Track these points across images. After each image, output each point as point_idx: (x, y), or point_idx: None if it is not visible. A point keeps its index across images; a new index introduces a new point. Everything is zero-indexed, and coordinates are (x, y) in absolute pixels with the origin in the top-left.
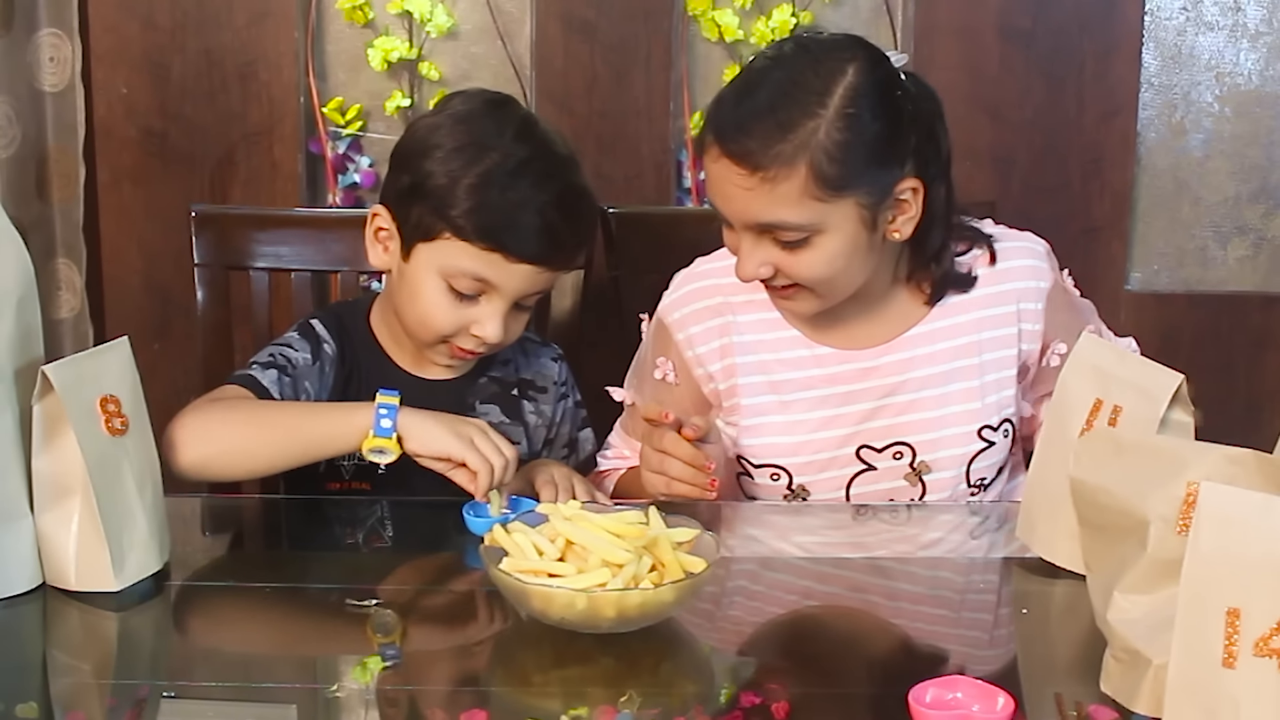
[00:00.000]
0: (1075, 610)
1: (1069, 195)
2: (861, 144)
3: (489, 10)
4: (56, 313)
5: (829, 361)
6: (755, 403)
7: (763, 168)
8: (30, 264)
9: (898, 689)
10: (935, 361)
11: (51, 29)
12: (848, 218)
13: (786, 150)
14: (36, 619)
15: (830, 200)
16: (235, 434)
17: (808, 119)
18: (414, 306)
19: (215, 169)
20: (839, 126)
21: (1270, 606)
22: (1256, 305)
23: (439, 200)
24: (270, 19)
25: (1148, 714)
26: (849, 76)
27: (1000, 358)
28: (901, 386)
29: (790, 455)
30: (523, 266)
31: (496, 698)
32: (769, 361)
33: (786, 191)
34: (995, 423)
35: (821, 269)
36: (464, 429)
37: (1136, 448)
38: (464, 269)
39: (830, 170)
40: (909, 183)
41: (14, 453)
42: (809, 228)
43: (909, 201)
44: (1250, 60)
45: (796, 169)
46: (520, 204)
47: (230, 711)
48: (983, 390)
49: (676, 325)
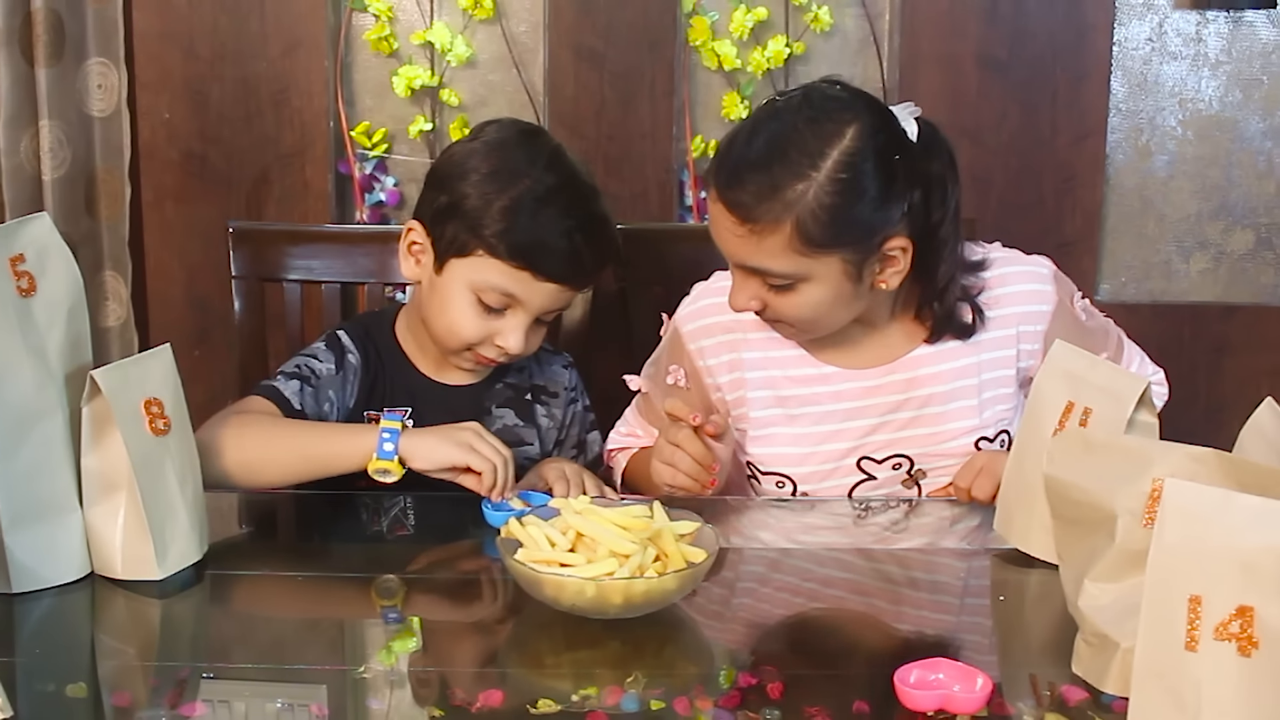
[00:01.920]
0: (1048, 597)
1: (1043, 212)
2: (849, 208)
3: (505, 41)
4: (104, 321)
5: (834, 380)
6: (763, 415)
7: (752, 220)
8: (80, 276)
9: (884, 670)
10: (937, 381)
11: (99, 58)
12: (832, 270)
13: (775, 208)
14: (85, 606)
15: (814, 256)
16: (249, 451)
17: (797, 181)
18: (443, 316)
19: (251, 188)
20: (828, 191)
21: (1229, 594)
22: (1217, 315)
23: (473, 220)
24: (302, 49)
25: (1116, 693)
26: (845, 141)
27: (999, 376)
28: (904, 404)
29: (796, 465)
30: (548, 285)
31: (512, 678)
32: (777, 378)
33: (772, 245)
34: (992, 435)
35: (805, 312)
36: (461, 436)
37: (1105, 447)
38: (494, 284)
39: (814, 230)
40: (899, 241)
41: (64, 451)
42: (793, 276)
43: (897, 258)
44: (1211, 88)
45: (782, 226)
46: (549, 228)
47: (265, 691)
48: (981, 407)
49: (690, 336)
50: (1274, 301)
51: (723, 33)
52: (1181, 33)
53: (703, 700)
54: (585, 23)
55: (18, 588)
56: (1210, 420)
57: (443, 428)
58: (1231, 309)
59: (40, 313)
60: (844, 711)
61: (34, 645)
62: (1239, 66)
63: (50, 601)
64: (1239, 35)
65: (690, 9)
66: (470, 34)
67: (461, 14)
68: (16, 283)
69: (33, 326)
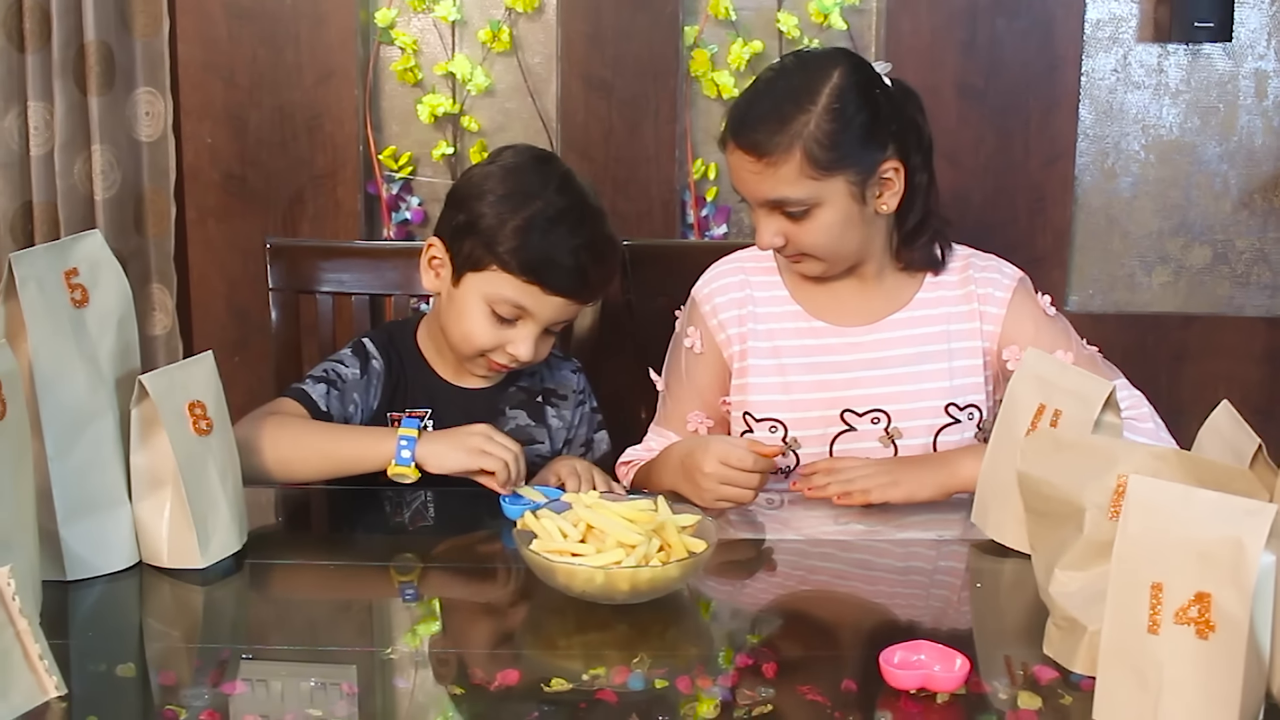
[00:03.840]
0: (1022, 584)
1: (1016, 230)
2: (846, 131)
3: (521, 72)
4: (151, 330)
5: (823, 334)
6: (760, 364)
7: (766, 154)
8: (129, 289)
9: (870, 651)
10: (910, 344)
11: (147, 87)
12: (840, 193)
13: (784, 140)
14: (134, 592)
15: (823, 178)
16: (283, 450)
17: (800, 114)
18: (459, 325)
19: (287, 207)
20: (826, 119)
21: (1188, 581)
22: (1176, 324)
23: (489, 238)
24: (334, 79)
25: (1084, 673)
26: (834, 79)
27: (966, 347)
28: (881, 362)
29: (786, 411)
30: (556, 299)
31: (527, 659)
32: (774, 330)
33: (786, 173)
34: (961, 404)
35: (822, 236)
36: (472, 441)
37: (1074, 446)
38: (506, 297)
39: (820, 154)
40: (891, 163)
41: (115, 450)
42: (808, 201)
43: (892, 179)
44: (1171, 115)
45: (792, 154)
46: (558, 246)
47: (299, 671)
48: (951, 373)
49: (704, 299)
50: (1230, 312)
51: (721, 64)
52: (1144, 64)
53: (703, 679)
54: (595, 55)
55: (71, 575)
56: (1170, 422)
57: (455, 432)
58: (1190, 319)
59: (93, 322)
60: (833, 690)
61: (86, 628)
62: (1197, 95)
63: (101, 588)
64: (1197, 66)
65: (691, 42)
66: (489, 65)
67: (481, 47)
68: (71, 294)
69: (86, 335)
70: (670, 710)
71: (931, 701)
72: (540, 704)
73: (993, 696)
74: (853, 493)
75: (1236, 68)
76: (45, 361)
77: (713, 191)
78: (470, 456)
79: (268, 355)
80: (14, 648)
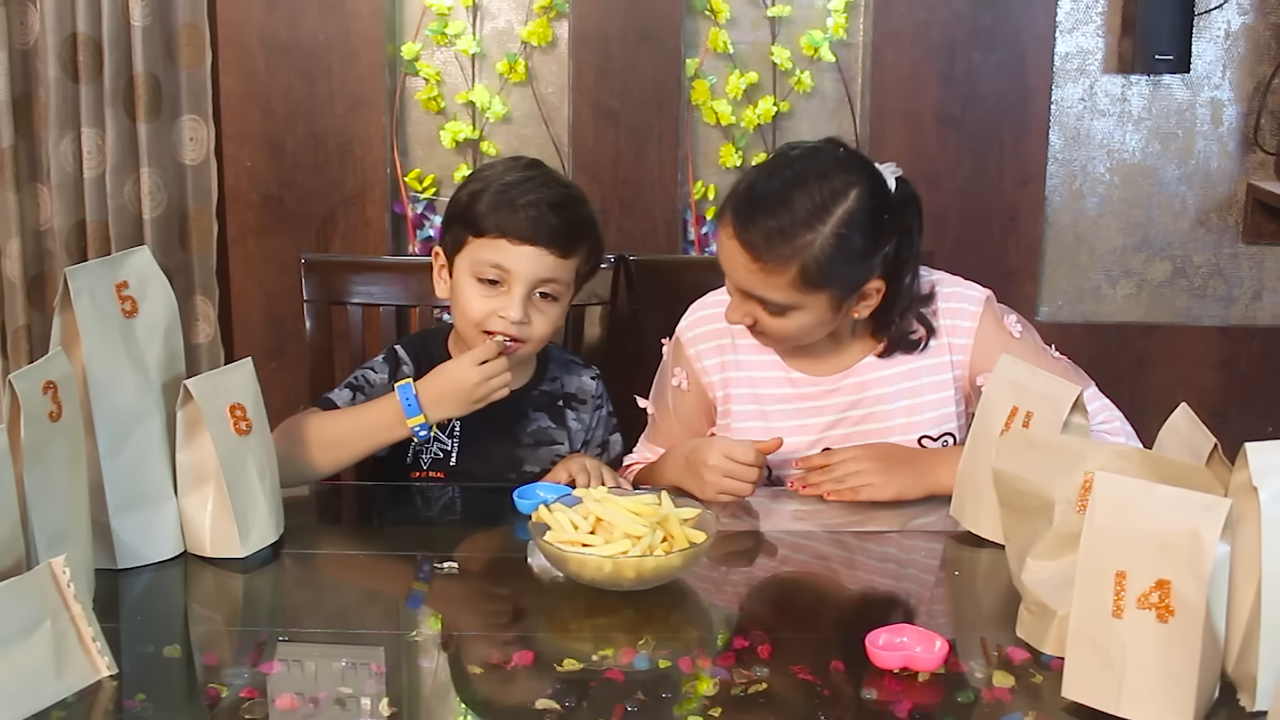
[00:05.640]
0: (996, 572)
1: (991, 246)
2: (844, 260)
3: (535, 101)
4: (195, 339)
5: (801, 384)
6: (743, 409)
7: (762, 260)
8: (175, 301)
9: (857, 634)
10: (883, 384)
11: (191, 115)
12: (820, 303)
13: (785, 253)
14: (179, 579)
15: (809, 293)
16: (308, 449)
17: (807, 233)
18: (457, 306)
19: (320, 225)
20: (830, 244)
21: (1149, 569)
22: (1138, 333)
23: (464, 215)
24: (364, 108)
25: (1053, 654)
26: (848, 202)
27: (938, 381)
28: (857, 404)
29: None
30: (526, 249)
31: (541, 641)
32: (756, 379)
33: (777, 282)
34: (935, 434)
35: (791, 333)
36: (463, 390)
37: (1045, 445)
38: (482, 259)
39: (815, 275)
40: (875, 283)
41: (162, 449)
42: (788, 306)
43: (872, 296)
44: (1134, 140)
45: (789, 268)
46: (519, 201)
47: (331, 652)
48: (921, 407)
49: (689, 343)
50: (1188, 322)
51: (720, 94)
52: (1109, 94)
53: (703, 659)
54: (603, 86)
55: (121, 564)
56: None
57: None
58: (1151, 328)
59: (141, 331)
60: (823, 669)
61: (135, 613)
62: (1158, 122)
63: (149, 576)
64: (1158, 96)
65: (692, 73)
66: (506, 95)
67: (498, 78)
68: (121, 306)
69: (135, 343)
70: (673, 688)
71: (913, 680)
72: (553, 682)
73: (970, 675)
74: (843, 490)
75: (1194, 97)
76: (98, 367)
77: (711, 210)
78: (468, 405)
79: (302, 361)
80: (69, 631)
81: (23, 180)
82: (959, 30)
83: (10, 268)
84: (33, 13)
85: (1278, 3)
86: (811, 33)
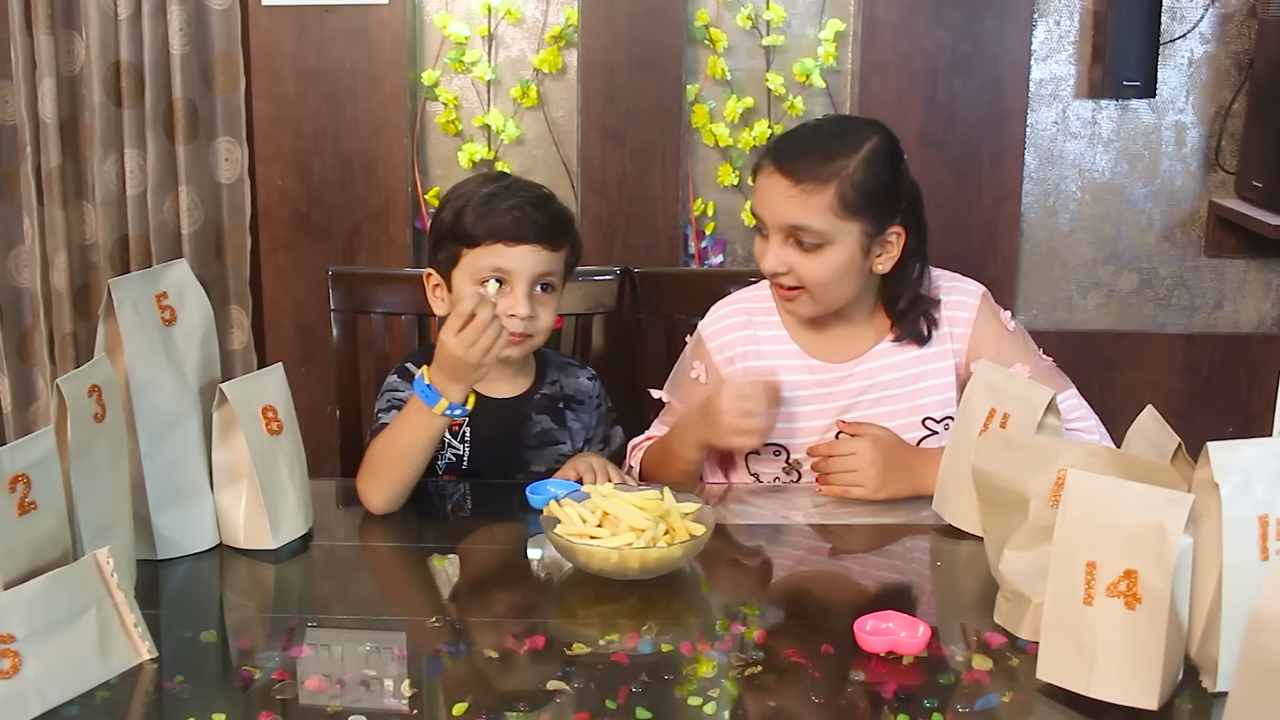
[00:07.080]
0: (976, 563)
1: (971, 259)
2: (874, 185)
3: (547, 124)
4: (230, 345)
5: (818, 370)
6: None
7: (804, 182)
8: (211, 310)
9: (846, 620)
10: (891, 370)
11: (226, 137)
12: (852, 238)
13: (824, 173)
14: (215, 569)
15: (845, 219)
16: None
17: (842, 156)
18: None
19: (346, 240)
20: (862, 168)
21: (1118, 560)
22: (1108, 340)
23: (452, 231)
24: (387, 130)
25: (1029, 639)
26: (874, 140)
27: (941, 368)
28: (869, 389)
29: (788, 437)
30: (519, 248)
31: (552, 627)
32: (776, 367)
33: (817, 203)
34: (939, 416)
35: (824, 273)
36: (457, 361)
37: (1020, 444)
38: (482, 265)
39: (850, 196)
40: (896, 228)
41: (199, 448)
42: (824, 236)
43: (893, 244)
44: (1104, 160)
45: (828, 187)
46: (503, 206)
47: (357, 636)
48: (926, 391)
49: (711, 337)
50: (1154, 329)
51: (718, 117)
52: (1080, 117)
53: (703, 644)
54: (610, 110)
55: (161, 555)
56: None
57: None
58: (1120, 335)
59: (180, 338)
60: (814, 653)
61: (174, 601)
62: (1126, 144)
63: (187, 566)
64: (1126, 119)
65: (693, 98)
66: (519, 118)
67: (512, 102)
68: (161, 314)
69: (174, 349)
70: (675, 670)
71: (898, 663)
72: (563, 665)
73: (951, 659)
74: (835, 489)
75: (1159, 120)
76: (139, 372)
77: (711, 226)
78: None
79: (330, 366)
80: (112, 617)
81: (69, 198)
82: (941, 58)
83: (58, 279)
84: (79, 42)
85: (1238, 32)
86: (803, 60)
